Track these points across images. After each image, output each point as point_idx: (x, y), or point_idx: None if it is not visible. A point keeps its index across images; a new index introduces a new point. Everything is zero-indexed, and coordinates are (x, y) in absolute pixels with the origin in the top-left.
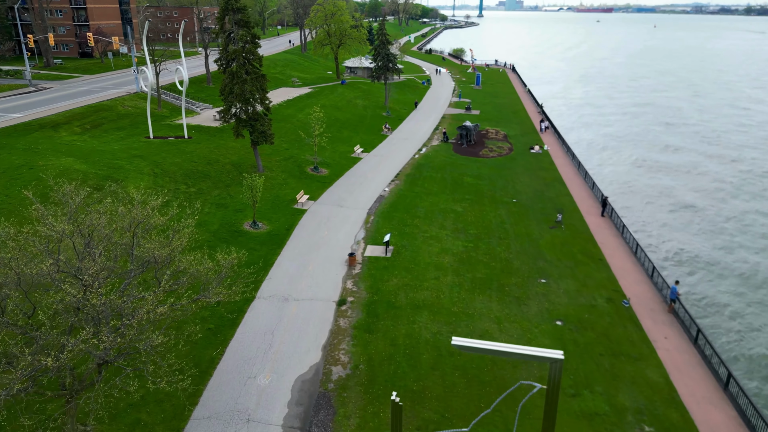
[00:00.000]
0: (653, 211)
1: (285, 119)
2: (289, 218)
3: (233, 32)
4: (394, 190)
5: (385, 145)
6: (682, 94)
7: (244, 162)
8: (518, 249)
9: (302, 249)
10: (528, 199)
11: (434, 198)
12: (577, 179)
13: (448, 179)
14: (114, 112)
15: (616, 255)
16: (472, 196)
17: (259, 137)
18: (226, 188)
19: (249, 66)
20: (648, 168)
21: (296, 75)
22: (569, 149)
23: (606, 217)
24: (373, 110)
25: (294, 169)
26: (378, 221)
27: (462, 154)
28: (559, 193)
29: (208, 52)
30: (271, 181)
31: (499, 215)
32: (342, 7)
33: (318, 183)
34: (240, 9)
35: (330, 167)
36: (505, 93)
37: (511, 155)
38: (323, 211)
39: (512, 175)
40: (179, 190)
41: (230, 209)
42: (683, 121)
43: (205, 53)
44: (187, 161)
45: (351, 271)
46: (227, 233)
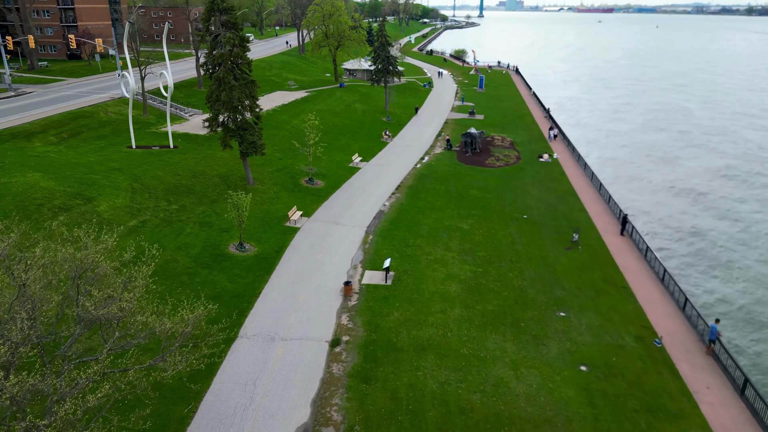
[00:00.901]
0: (678, 230)
1: (279, 126)
2: (279, 238)
3: (220, 34)
4: (395, 204)
5: (385, 154)
6: (693, 97)
7: (233, 174)
8: (532, 275)
9: (293, 275)
10: (540, 214)
11: (438, 213)
12: (591, 192)
13: (452, 192)
14: (95, 119)
15: (641, 282)
16: (479, 211)
17: (248, 148)
18: (212, 204)
19: (237, 71)
20: (666, 179)
21: (293, 78)
22: (580, 158)
23: (626, 236)
24: (373, 115)
25: (287, 181)
26: (377, 241)
27: (467, 163)
28: (573, 207)
29: (199, 54)
30: (261, 196)
31: (510, 234)
32: (340, 8)
33: (313, 197)
34: (227, 9)
35: (326, 178)
36: (510, 96)
37: (518, 164)
38: (318, 230)
39: (521, 187)
40: (159, 208)
41: (215, 229)
42: (697, 128)
43: (196, 55)
44: (170, 174)
45: (347, 302)
46: (210, 257)
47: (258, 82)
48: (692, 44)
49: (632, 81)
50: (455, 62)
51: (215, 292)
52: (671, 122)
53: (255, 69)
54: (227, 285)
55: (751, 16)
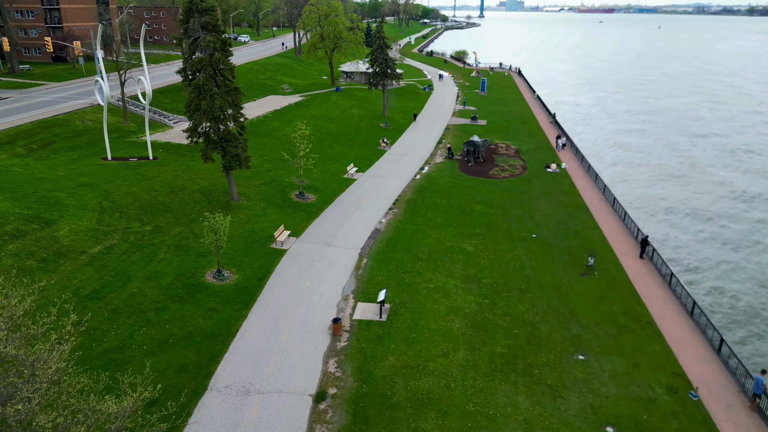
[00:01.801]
0: (703, 252)
1: (269, 134)
2: (264, 263)
3: (199, 38)
4: (392, 221)
5: (382, 163)
6: (703, 100)
7: (216, 188)
8: (545, 307)
9: (276, 309)
10: (550, 233)
11: (439, 233)
12: (604, 207)
13: (454, 207)
14: (70, 127)
15: (667, 316)
16: (483, 229)
17: (231, 162)
18: (190, 224)
19: (219, 78)
20: (684, 192)
21: (287, 81)
22: (590, 168)
23: (646, 259)
24: (370, 121)
25: (276, 195)
26: (372, 266)
27: (469, 173)
28: (585, 225)
29: None
30: (246, 213)
31: (518, 256)
32: (337, 8)
33: (303, 213)
34: (207, 10)
35: (318, 192)
36: (513, 100)
37: (524, 175)
38: (306, 252)
39: (529, 202)
40: (130, 230)
41: (192, 253)
42: (711, 133)
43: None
44: (146, 190)
45: (335, 343)
46: (183, 288)
47: (251, 85)
48: (697, 45)
49: (638, 83)
50: (456, 64)
51: (186, 331)
52: (683, 127)
53: (248, 72)
54: (200, 322)
55: (753, 17)
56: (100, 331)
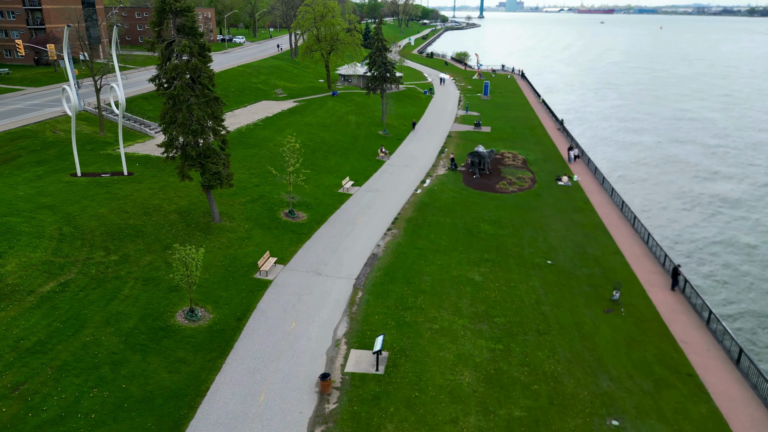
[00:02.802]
0: (744, 285)
1: (259, 144)
2: (245, 298)
3: (174, 42)
4: (391, 244)
5: (380, 175)
6: (714, 104)
7: (196, 208)
8: (567, 354)
9: (255, 358)
10: (567, 259)
11: (443, 258)
12: (624, 227)
13: (459, 227)
14: (38, 139)
15: (710, 366)
16: (492, 254)
17: (211, 180)
18: (163, 252)
19: (197, 86)
20: (709, 206)
21: (282, 85)
22: (605, 180)
23: (677, 291)
24: (368, 128)
25: (263, 214)
26: (368, 301)
27: (475, 187)
28: (605, 249)
29: None
30: (228, 236)
31: (533, 288)
32: (333, 8)
33: (292, 234)
34: (182, 11)
35: (310, 209)
36: (517, 104)
37: (534, 189)
38: (294, 284)
39: (540, 220)
40: (91, 261)
41: (162, 287)
42: (726, 140)
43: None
44: (115, 211)
45: (323, 405)
46: (148, 333)
47: (242, 90)
48: (701, 46)
49: (645, 86)
50: (457, 66)
51: (146, 391)
52: (697, 134)
53: (240, 75)
54: (165, 378)
55: (753, 17)
56: (40, 396)
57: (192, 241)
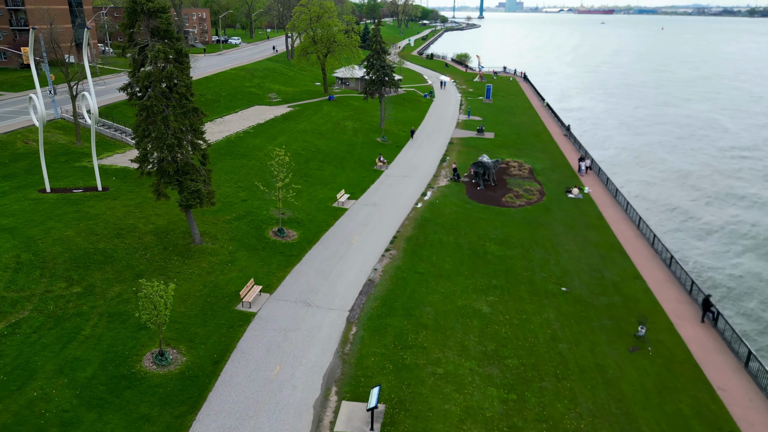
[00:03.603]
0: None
1: (248, 153)
2: (224, 335)
3: (147, 46)
4: (390, 268)
5: (378, 187)
6: (723, 107)
7: (176, 228)
8: (591, 406)
9: (231, 414)
10: (583, 285)
11: (447, 285)
12: (642, 247)
13: (464, 247)
14: (8, 151)
15: (756, 421)
16: (501, 280)
17: (190, 199)
18: (135, 280)
19: (174, 96)
20: (730, 221)
21: (276, 89)
22: (618, 192)
23: (707, 323)
24: (366, 135)
25: (249, 234)
26: (363, 338)
27: (479, 200)
28: (624, 273)
29: None
30: (209, 260)
31: (547, 321)
32: (329, 9)
33: (280, 257)
34: (156, 12)
35: (302, 227)
36: (521, 108)
37: (543, 203)
38: (280, 317)
39: (552, 239)
40: (50, 295)
41: (130, 324)
42: (740, 145)
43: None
44: (83, 234)
45: None
46: (108, 383)
47: (234, 95)
48: (703, 47)
49: (651, 88)
50: (457, 67)
51: None
52: (709, 139)
53: (233, 79)
54: None
55: (753, 18)
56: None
57: (168, 267)
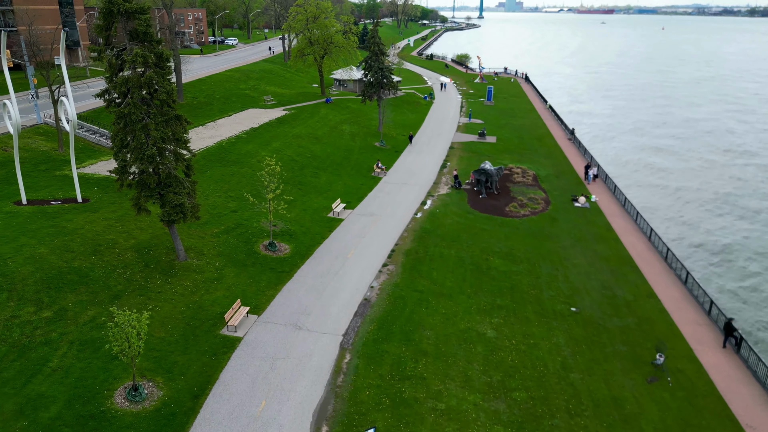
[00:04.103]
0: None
1: (240, 160)
2: (206, 364)
3: (125, 50)
4: (387, 286)
5: (376, 195)
6: (731, 109)
7: (159, 243)
8: None
9: None
10: (593, 305)
11: (449, 305)
12: (655, 261)
13: (466, 261)
14: None
15: None
16: (506, 299)
17: (172, 213)
18: (112, 302)
19: (155, 103)
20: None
21: (272, 91)
22: (626, 201)
23: (729, 348)
24: (363, 139)
25: (238, 248)
26: (357, 367)
27: (482, 210)
28: (637, 290)
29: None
30: (194, 278)
31: (557, 347)
32: (326, 9)
33: (271, 273)
34: (135, 13)
35: (294, 240)
36: (523, 111)
37: (548, 212)
38: (268, 342)
39: (559, 253)
40: (16, 321)
41: (102, 354)
42: (753, 149)
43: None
44: (58, 251)
45: None
46: (75, 424)
47: (228, 97)
48: (705, 47)
49: (655, 90)
50: (458, 68)
51: None
52: (718, 143)
53: (228, 81)
54: None
55: (754, 18)
56: None
57: (149, 287)
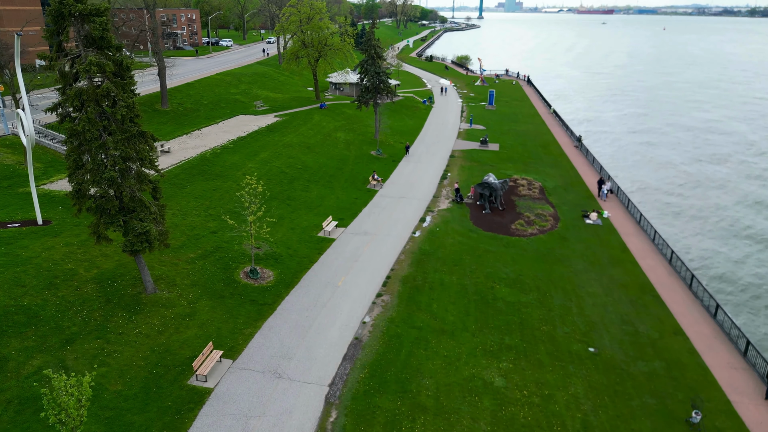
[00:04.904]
0: None
1: (224, 173)
2: (168, 424)
3: (79, 57)
4: (381, 321)
5: (371, 211)
6: (741, 114)
7: (126, 273)
8: None
9: None
10: (614, 344)
11: (450, 345)
12: (679, 289)
13: (470, 290)
14: None
15: None
16: (515, 337)
17: (135, 243)
18: (64, 347)
19: (117, 117)
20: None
21: (264, 95)
22: (642, 217)
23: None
24: (359, 148)
25: (216, 276)
26: (344, 428)
27: (485, 228)
28: (662, 326)
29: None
30: (163, 314)
31: (575, 398)
32: (320, 9)
33: (251, 306)
34: (90, 15)
35: (279, 264)
36: (526, 115)
37: (558, 230)
38: (243, 395)
39: (571, 279)
40: None
41: (45, 419)
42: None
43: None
44: (7, 286)
45: None
46: None
47: (217, 103)
48: (708, 48)
49: (661, 93)
50: (458, 70)
51: None
52: (733, 152)
53: (217, 85)
54: None
55: (754, 18)
56: None
57: (109, 327)
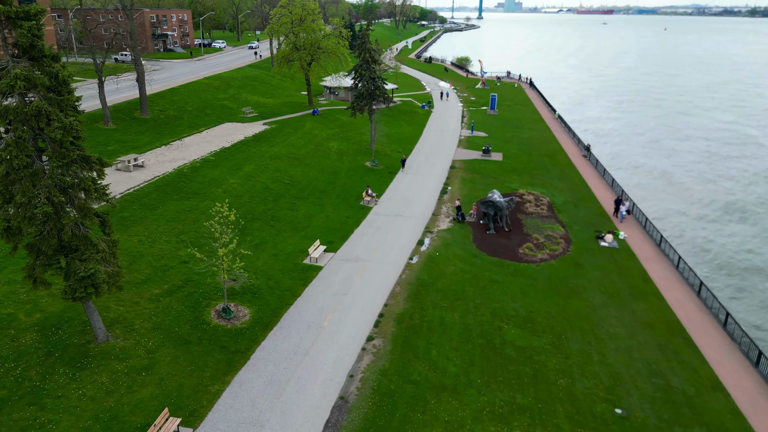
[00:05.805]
0: None
1: (202, 191)
2: None
3: (6, 68)
4: (372, 375)
5: (364, 232)
6: (751, 118)
7: (75, 317)
8: None
9: None
10: (644, 403)
11: (452, 405)
12: (712, 329)
13: (474, 331)
14: None
15: None
16: (529, 394)
17: (78, 288)
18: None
19: (55, 140)
20: None
21: (254, 100)
22: (662, 239)
23: None
24: (353, 158)
25: (182, 316)
26: None
27: (490, 252)
28: (699, 379)
29: (103, 78)
30: (114, 368)
31: None
32: (313, 10)
33: (220, 355)
34: (16, 19)
35: (257, 300)
36: (530, 121)
37: (570, 255)
38: None
39: (589, 315)
40: None
41: None
42: None
43: (99, 78)
44: None
45: None
46: None
47: (202, 110)
48: (710, 49)
49: (667, 95)
50: (458, 72)
51: None
52: (747, 158)
53: (204, 90)
54: None
55: (755, 18)
56: None
57: (46, 389)
